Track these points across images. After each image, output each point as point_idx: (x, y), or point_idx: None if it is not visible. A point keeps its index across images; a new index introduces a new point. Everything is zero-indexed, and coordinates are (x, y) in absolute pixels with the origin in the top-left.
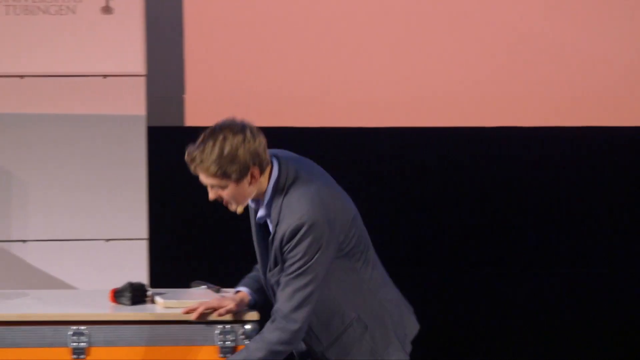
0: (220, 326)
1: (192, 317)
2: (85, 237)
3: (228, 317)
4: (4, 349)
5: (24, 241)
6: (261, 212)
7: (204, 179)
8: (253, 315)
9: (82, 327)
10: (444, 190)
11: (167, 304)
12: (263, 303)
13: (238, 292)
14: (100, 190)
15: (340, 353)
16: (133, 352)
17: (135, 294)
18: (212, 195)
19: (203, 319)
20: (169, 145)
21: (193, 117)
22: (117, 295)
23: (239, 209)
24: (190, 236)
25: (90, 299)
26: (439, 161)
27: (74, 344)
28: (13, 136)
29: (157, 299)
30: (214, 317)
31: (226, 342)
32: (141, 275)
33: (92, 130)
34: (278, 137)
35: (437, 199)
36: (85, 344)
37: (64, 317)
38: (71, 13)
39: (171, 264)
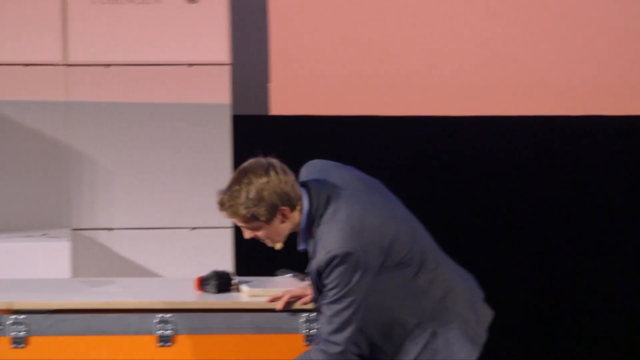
0: (305, 314)
1: (278, 306)
2: (170, 225)
3: (313, 306)
4: (90, 336)
5: (110, 229)
6: (301, 245)
7: (236, 222)
8: None
9: (168, 315)
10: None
11: (252, 293)
12: None
13: None
14: (185, 178)
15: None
16: (218, 340)
17: (221, 282)
18: (247, 235)
19: (288, 308)
20: (253, 134)
21: (278, 105)
22: (202, 283)
23: (278, 246)
24: None
25: (176, 287)
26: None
27: (160, 331)
28: (99, 125)
29: (243, 287)
30: (298, 305)
31: (311, 331)
32: (226, 264)
33: (177, 119)
34: (362, 126)
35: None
36: (170, 331)
37: (150, 305)
38: (156, 2)
39: (256, 252)
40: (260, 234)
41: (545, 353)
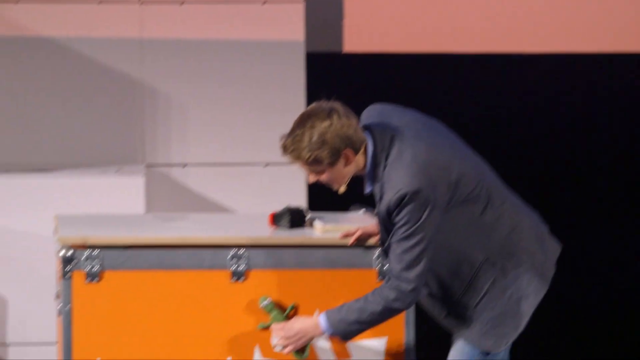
0: (378, 250)
1: (350, 242)
2: (244, 161)
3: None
4: (164, 271)
5: (183, 165)
6: (367, 189)
7: (300, 166)
8: None
9: (241, 250)
10: None
11: (325, 228)
12: None
13: None
14: (258, 115)
15: (474, 296)
16: (291, 275)
17: (294, 218)
18: (311, 179)
19: (361, 244)
20: (327, 71)
21: (351, 42)
22: (276, 218)
23: (341, 189)
24: None
25: (250, 222)
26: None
27: (233, 266)
28: (173, 62)
29: (316, 222)
30: (371, 242)
31: (384, 267)
32: (300, 199)
33: (251, 56)
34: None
35: None
36: (244, 266)
37: (224, 240)
38: None
39: (329, 188)
40: (323, 177)
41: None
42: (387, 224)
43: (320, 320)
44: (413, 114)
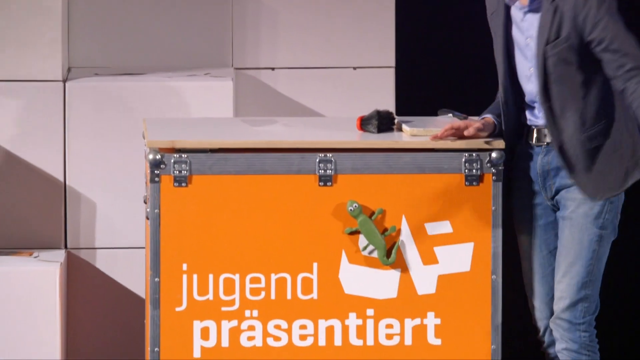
0: (467, 154)
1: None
2: (333, 65)
3: (475, 146)
4: (252, 175)
5: (272, 69)
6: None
7: None
8: (499, 143)
9: (329, 155)
10: None
11: (413, 132)
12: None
13: (483, 118)
14: (348, 18)
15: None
16: (379, 179)
17: (382, 122)
18: None
19: (449, 147)
20: None
21: None
22: (364, 123)
23: None
24: (438, 64)
25: (338, 126)
26: None
27: (321, 171)
28: None
29: (404, 126)
30: (459, 145)
31: (473, 170)
32: (388, 104)
33: None
34: None
35: None
36: (331, 171)
37: (312, 144)
38: None
39: (418, 92)
40: None
41: None
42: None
43: None
44: None
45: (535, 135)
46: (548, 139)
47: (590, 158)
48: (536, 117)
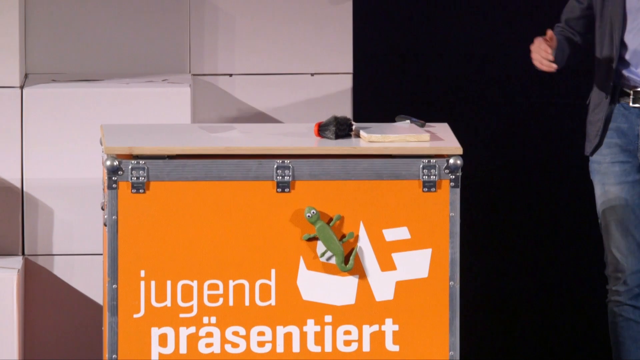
0: (424, 160)
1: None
2: (290, 71)
3: (432, 152)
4: (210, 181)
5: (230, 75)
6: None
7: None
8: (457, 149)
9: (287, 161)
10: None
11: (371, 138)
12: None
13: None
14: (306, 24)
15: None
16: (336, 185)
17: (340, 128)
18: None
19: (407, 153)
20: None
21: None
22: (321, 129)
23: None
24: (395, 70)
25: (295, 132)
26: None
27: (279, 177)
28: None
29: (362, 133)
30: (416, 150)
31: (430, 177)
32: (346, 110)
33: None
34: None
35: None
36: (289, 177)
37: (269, 150)
38: None
39: (376, 98)
40: None
41: None
42: None
43: None
44: None
45: (632, 96)
46: None
47: None
48: (636, 77)
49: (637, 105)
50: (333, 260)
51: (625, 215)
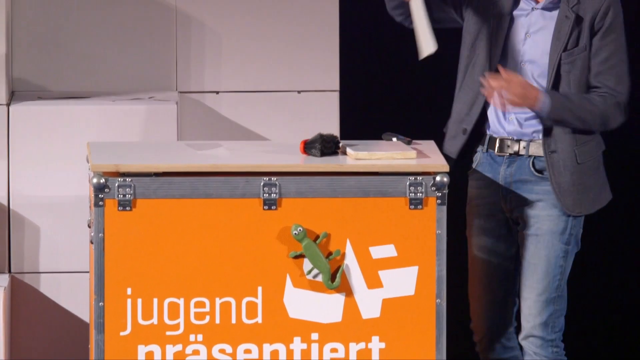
0: (411, 178)
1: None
2: (277, 88)
3: (419, 169)
4: (196, 199)
5: (216, 92)
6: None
7: None
8: (443, 167)
9: (274, 179)
10: None
11: (358, 156)
12: None
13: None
14: (292, 42)
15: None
16: (323, 203)
17: (326, 146)
18: None
19: (394, 170)
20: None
21: None
22: (307, 146)
23: None
24: (382, 88)
25: (282, 150)
26: None
27: (266, 195)
28: None
29: (349, 150)
30: (403, 168)
31: (417, 194)
32: (332, 127)
33: None
34: None
35: None
36: (276, 195)
37: (256, 168)
38: None
39: (363, 115)
40: None
41: None
42: (579, 32)
43: (541, 94)
44: None
45: (497, 144)
46: (510, 150)
47: (577, 173)
48: (503, 126)
49: (502, 154)
50: (320, 278)
51: (487, 272)
